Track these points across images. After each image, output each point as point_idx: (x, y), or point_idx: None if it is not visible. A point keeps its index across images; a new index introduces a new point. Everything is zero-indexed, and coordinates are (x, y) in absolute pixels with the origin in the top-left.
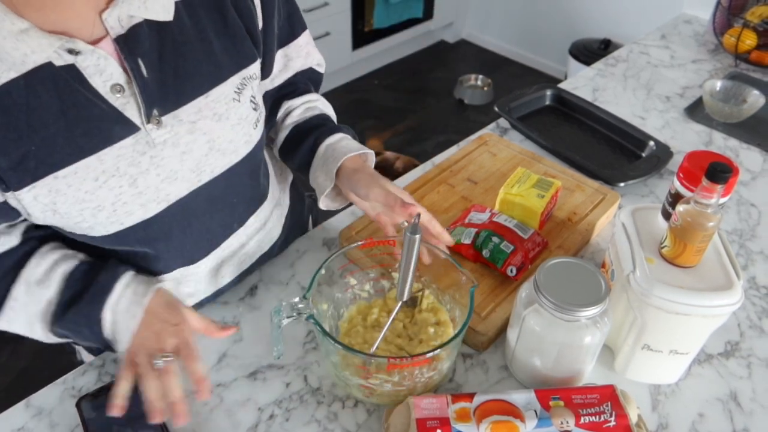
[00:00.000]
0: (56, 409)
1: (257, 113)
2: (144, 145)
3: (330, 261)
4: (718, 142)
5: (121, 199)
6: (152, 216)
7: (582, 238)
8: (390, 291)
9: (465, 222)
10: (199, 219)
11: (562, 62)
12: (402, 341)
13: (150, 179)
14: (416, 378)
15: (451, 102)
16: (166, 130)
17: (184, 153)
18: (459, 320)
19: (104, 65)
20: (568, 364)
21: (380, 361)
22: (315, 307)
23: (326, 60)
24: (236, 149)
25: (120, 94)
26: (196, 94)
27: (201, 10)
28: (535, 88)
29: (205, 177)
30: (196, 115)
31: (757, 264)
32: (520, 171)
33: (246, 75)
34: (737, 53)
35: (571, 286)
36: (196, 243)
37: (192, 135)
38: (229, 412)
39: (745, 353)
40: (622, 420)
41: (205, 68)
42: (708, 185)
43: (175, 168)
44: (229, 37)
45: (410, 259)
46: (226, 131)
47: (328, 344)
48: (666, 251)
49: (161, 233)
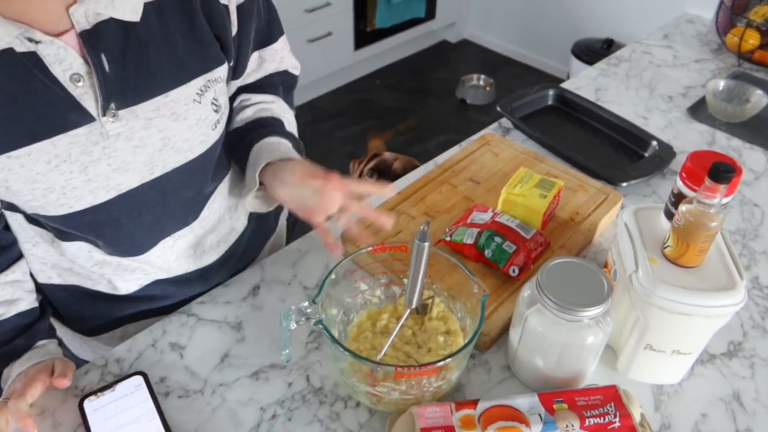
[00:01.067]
0: (59, 409)
1: (218, 115)
2: (97, 135)
3: (339, 266)
4: (721, 141)
5: (71, 183)
6: (101, 203)
7: (584, 238)
8: (401, 297)
9: (467, 222)
10: (150, 210)
11: (564, 62)
12: (410, 348)
13: (101, 168)
14: (424, 387)
15: (453, 102)
16: (121, 124)
17: (137, 147)
18: (470, 329)
19: (64, 55)
20: (570, 364)
21: (388, 370)
22: (324, 311)
23: (328, 60)
24: (191, 148)
25: (79, 84)
26: (156, 93)
27: (169, 12)
28: (538, 87)
29: (157, 171)
30: (154, 112)
31: (761, 264)
32: (523, 171)
33: (210, 78)
34: (740, 53)
35: (573, 286)
36: (147, 232)
37: (147, 131)
38: (232, 411)
39: (748, 353)
40: (627, 420)
41: (168, 69)
42: (711, 185)
43: (127, 160)
44: (195, 40)
45: (419, 266)
46: (183, 131)
47: (336, 350)
48: (669, 251)
49: (110, 220)
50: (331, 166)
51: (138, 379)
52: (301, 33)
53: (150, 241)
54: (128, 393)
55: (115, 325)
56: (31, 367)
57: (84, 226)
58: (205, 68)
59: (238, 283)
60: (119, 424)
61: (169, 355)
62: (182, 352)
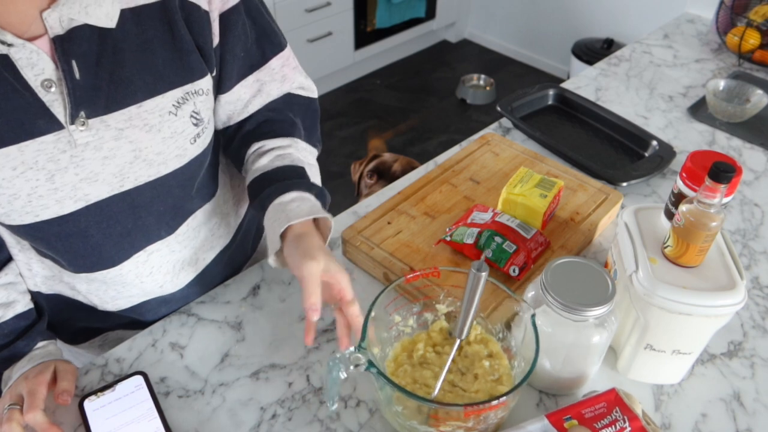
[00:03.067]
0: (59, 409)
1: (198, 129)
2: (65, 144)
3: (377, 303)
4: (721, 141)
5: (36, 191)
6: (68, 213)
7: (585, 238)
8: (434, 323)
9: (467, 222)
10: (120, 223)
11: (564, 62)
12: (454, 377)
13: (68, 177)
14: (490, 420)
15: (453, 102)
16: (90, 133)
17: (106, 158)
18: (514, 349)
19: (36, 59)
20: (576, 364)
21: (455, 409)
22: (370, 352)
23: (328, 60)
24: (165, 161)
25: (51, 90)
26: (129, 103)
27: (149, 20)
28: (538, 87)
29: (128, 183)
30: (126, 122)
31: (761, 264)
32: (523, 171)
33: (190, 90)
34: (740, 52)
35: (578, 286)
36: (117, 245)
37: (117, 142)
38: (232, 411)
39: (749, 353)
40: (636, 422)
41: (144, 78)
42: (711, 185)
43: (95, 170)
44: (176, 50)
45: (473, 296)
46: (156, 143)
47: (390, 392)
48: (669, 251)
49: (77, 231)
50: (331, 166)
51: (138, 378)
52: (301, 33)
53: (120, 254)
54: (128, 393)
55: (96, 333)
56: (32, 369)
57: (51, 237)
58: (185, 79)
59: (238, 283)
60: (119, 424)
61: (169, 355)
62: (182, 351)
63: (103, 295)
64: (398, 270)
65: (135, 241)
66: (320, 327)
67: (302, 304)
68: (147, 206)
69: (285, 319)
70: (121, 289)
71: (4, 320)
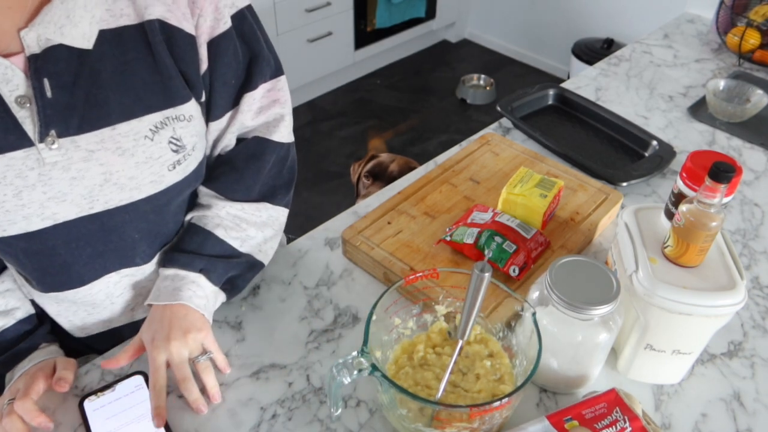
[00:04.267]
0: (59, 409)
1: (178, 156)
2: (34, 161)
3: (379, 305)
4: (721, 141)
5: (3, 206)
6: (35, 230)
7: (585, 237)
8: (433, 324)
9: (467, 222)
10: (91, 245)
11: (564, 62)
12: (455, 378)
13: (35, 195)
14: (495, 420)
15: (453, 102)
16: (59, 153)
17: (74, 179)
18: (515, 348)
19: (11, 75)
20: (581, 363)
21: (461, 410)
22: (372, 356)
23: (328, 60)
24: (138, 186)
25: (26, 106)
26: (102, 125)
27: (129, 42)
28: (538, 87)
29: (98, 206)
30: (97, 144)
31: (761, 264)
32: (523, 171)
33: (170, 115)
34: (741, 52)
35: (582, 284)
36: (87, 265)
37: (86, 163)
38: (232, 411)
39: (749, 353)
40: (636, 422)
41: (121, 100)
42: (711, 185)
43: (63, 190)
44: (157, 73)
45: (476, 298)
46: (129, 167)
47: (395, 395)
48: (669, 251)
49: (45, 249)
50: (331, 166)
51: (138, 378)
52: (301, 33)
53: (90, 274)
54: (128, 393)
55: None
56: (33, 366)
57: (18, 252)
58: (166, 104)
59: None
60: (119, 424)
61: None
62: None
63: (73, 317)
64: (398, 270)
65: (107, 263)
66: (320, 327)
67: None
68: (118, 230)
69: (285, 319)
70: (91, 310)
71: (8, 327)
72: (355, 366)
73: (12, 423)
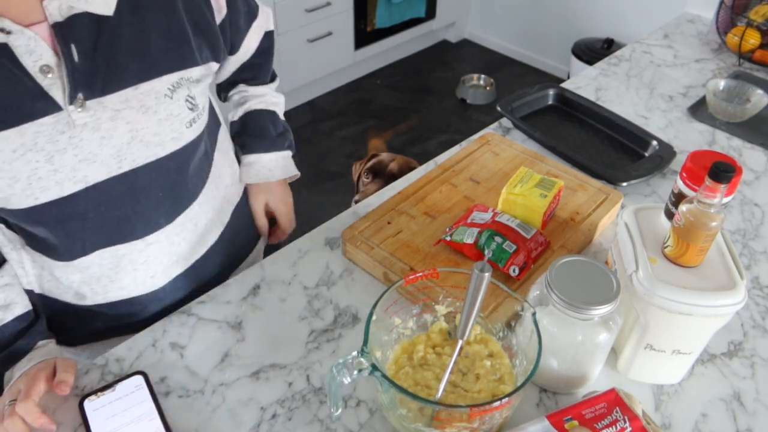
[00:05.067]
0: (59, 409)
1: (194, 114)
2: (64, 124)
3: (379, 304)
4: (721, 141)
5: (36, 173)
6: (67, 195)
7: (585, 237)
8: (433, 324)
9: (467, 222)
10: (119, 207)
11: (564, 62)
12: (455, 378)
13: (66, 158)
14: (495, 420)
15: (453, 102)
16: (88, 114)
17: (104, 138)
18: (515, 348)
19: (34, 46)
20: (582, 363)
21: (460, 410)
22: (372, 356)
23: (328, 60)
24: (162, 143)
25: (48, 75)
26: (125, 85)
27: (146, 10)
28: (538, 87)
29: (126, 165)
30: (123, 104)
31: (761, 264)
32: (523, 171)
33: (184, 76)
34: (741, 52)
35: (582, 284)
36: (116, 227)
37: (114, 122)
38: (232, 411)
39: (749, 353)
40: (636, 422)
41: (139, 63)
42: (711, 185)
43: (94, 151)
44: (171, 39)
45: (476, 298)
46: (152, 124)
47: (394, 395)
48: (669, 251)
49: (76, 213)
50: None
51: (138, 378)
52: (301, 33)
53: (118, 237)
54: (128, 393)
55: (86, 340)
56: (33, 367)
57: (50, 220)
58: (179, 66)
59: (238, 283)
60: (119, 424)
61: (170, 355)
62: (182, 351)
63: (95, 285)
64: (398, 270)
65: (135, 228)
66: (320, 327)
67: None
68: (145, 189)
69: (285, 319)
70: (113, 276)
71: (4, 323)
72: (355, 366)
73: (14, 424)
